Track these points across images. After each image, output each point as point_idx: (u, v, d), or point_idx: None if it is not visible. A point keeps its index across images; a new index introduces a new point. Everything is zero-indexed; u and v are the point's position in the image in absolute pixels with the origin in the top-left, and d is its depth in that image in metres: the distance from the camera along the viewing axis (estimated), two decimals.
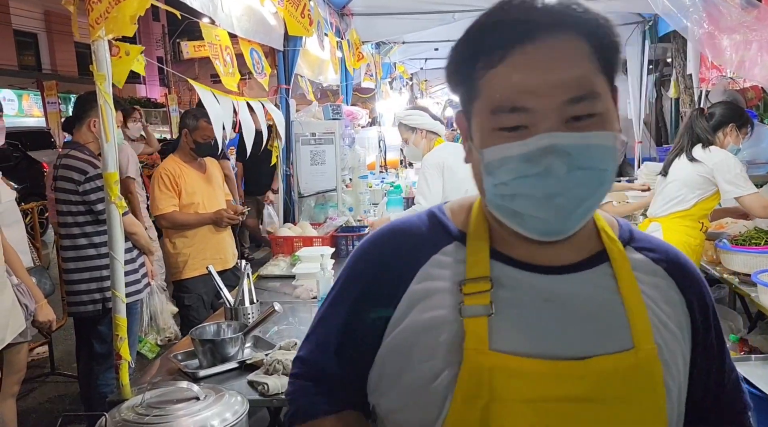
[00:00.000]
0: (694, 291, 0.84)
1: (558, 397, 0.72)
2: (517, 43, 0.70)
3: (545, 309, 0.76)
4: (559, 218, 0.72)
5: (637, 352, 0.75)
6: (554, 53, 0.70)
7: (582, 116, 0.71)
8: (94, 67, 1.89)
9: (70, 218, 2.81)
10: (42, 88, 16.73)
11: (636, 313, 0.76)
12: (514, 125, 0.71)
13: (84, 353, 3.05)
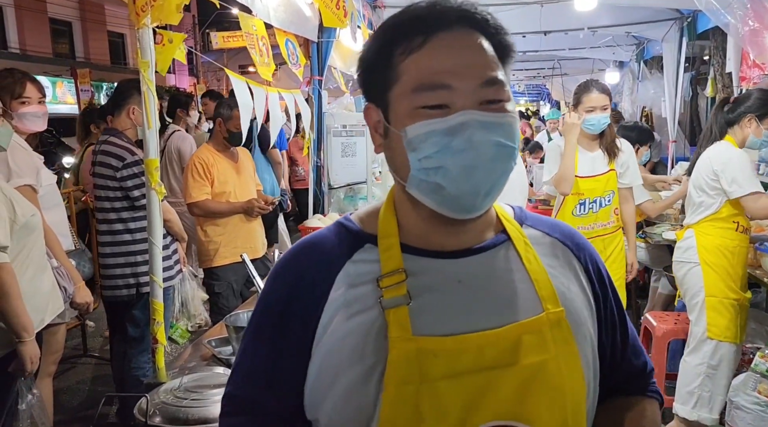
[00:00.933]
0: (588, 258, 0.92)
1: (480, 367, 0.77)
2: (436, 31, 0.79)
3: (459, 290, 0.81)
4: (476, 193, 0.79)
5: (547, 315, 0.81)
6: (467, 41, 0.79)
7: (493, 100, 0.79)
8: (138, 55, 1.91)
9: (107, 204, 2.86)
10: (75, 75, 17.11)
11: (540, 281, 0.83)
12: (436, 103, 0.77)
13: (117, 336, 3.11)
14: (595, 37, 6.82)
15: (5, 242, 2.01)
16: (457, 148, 0.76)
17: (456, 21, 0.80)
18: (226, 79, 26.23)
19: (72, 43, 21.76)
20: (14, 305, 2.03)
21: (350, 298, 0.81)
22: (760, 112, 2.80)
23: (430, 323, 0.79)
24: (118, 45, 23.84)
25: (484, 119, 0.77)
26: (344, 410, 0.79)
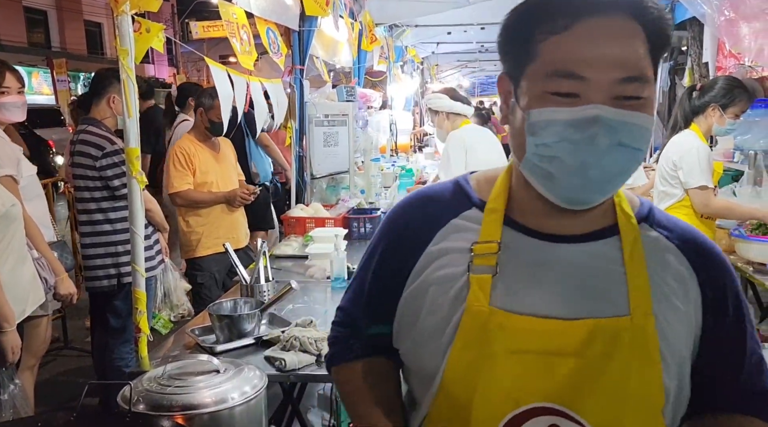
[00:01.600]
0: (709, 271, 0.85)
1: (542, 350, 0.78)
2: (583, 15, 0.74)
3: (546, 273, 0.82)
4: (587, 189, 0.77)
5: (632, 319, 0.78)
6: (614, 31, 0.75)
7: (630, 97, 0.75)
8: (117, 42, 1.89)
9: (86, 194, 2.83)
10: (52, 65, 16.78)
11: (637, 284, 0.80)
12: (567, 92, 0.75)
13: (99, 327, 3.09)
14: None
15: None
16: (577, 142, 0.74)
17: (609, 6, 0.75)
18: (206, 69, 25.92)
19: (48, 33, 21.32)
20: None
21: (444, 254, 0.86)
22: (723, 102, 2.85)
23: (507, 298, 0.81)
24: (95, 34, 23.41)
25: (613, 117, 0.73)
26: (418, 353, 0.87)
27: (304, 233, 3.56)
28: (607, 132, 0.73)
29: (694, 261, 0.84)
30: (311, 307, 2.50)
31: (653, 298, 0.80)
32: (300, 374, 1.91)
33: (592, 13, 0.74)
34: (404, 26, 6.88)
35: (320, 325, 2.28)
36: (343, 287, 2.76)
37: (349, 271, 2.80)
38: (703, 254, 0.86)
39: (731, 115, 2.87)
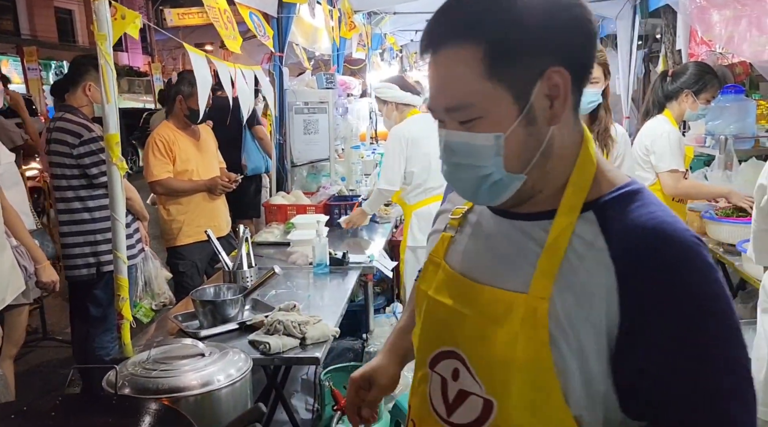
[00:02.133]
0: (639, 283, 0.75)
1: (458, 302, 0.90)
2: (428, 54, 0.83)
3: (482, 241, 0.93)
4: (466, 197, 0.92)
5: (527, 298, 0.81)
6: (439, 68, 0.82)
7: (466, 121, 0.81)
8: (95, 27, 1.88)
9: (64, 182, 2.80)
10: (22, 53, 16.37)
11: (544, 269, 0.80)
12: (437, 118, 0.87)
13: (79, 317, 3.07)
14: None
15: None
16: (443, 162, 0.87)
17: (443, 36, 0.80)
18: (182, 57, 25.54)
19: (16, 20, 20.75)
20: None
21: (444, 212, 1.07)
22: (696, 88, 2.93)
23: (453, 256, 0.96)
24: (67, 21, 22.87)
25: (448, 139, 0.84)
26: None
27: (286, 220, 3.57)
28: (447, 153, 0.85)
29: (623, 268, 0.76)
30: (294, 292, 2.52)
31: (556, 286, 0.79)
32: (284, 357, 1.93)
33: (430, 51, 0.82)
34: (383, 13, 6.85)
35: (303, 309, 2.30)
36: (325, 272, 2.78)
37: (331, 256, 2.83)
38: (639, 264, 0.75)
39: (703, 101, 2.95)
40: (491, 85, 0.78)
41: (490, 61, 0.77)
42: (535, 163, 0.81)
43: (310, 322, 2.02)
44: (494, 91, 0.78)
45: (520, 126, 0.79)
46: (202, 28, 20.08)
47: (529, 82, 0.78)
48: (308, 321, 2.02)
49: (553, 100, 0.79)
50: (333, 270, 2.81)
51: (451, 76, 0.80)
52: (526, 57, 0.77)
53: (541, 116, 0.80)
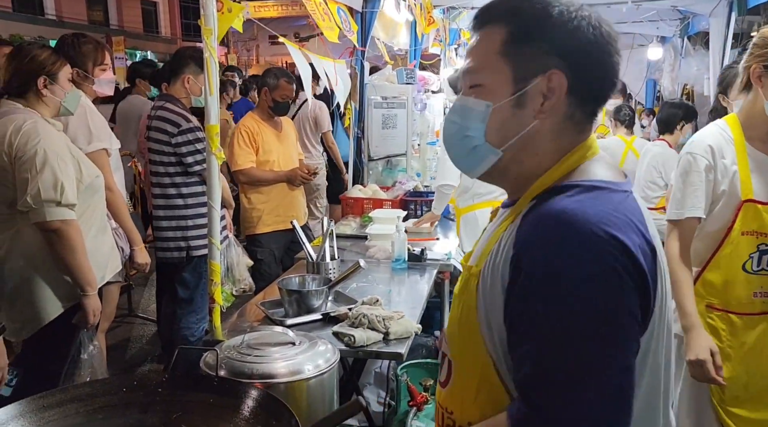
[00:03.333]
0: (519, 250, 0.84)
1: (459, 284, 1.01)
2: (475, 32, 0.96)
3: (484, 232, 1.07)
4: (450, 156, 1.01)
5: (471, 268, 0.95)
6: (474, 39, 0.96)
7: (472, 85, 0.94)
8: (202, 22, 1.95)
9: (161, 168, 2.94)
10: (110, 43, 17.27)
11: (485, 247, 0.94)
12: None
13: (166, 297, 3.22)
14: (638, 11, 6.64)
15: (73, 200, 2.09)
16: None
17: (480, 20, 0.95)
18: (255, 49, 26.22)
19: (106, 11, 21.93)
20: (80, 261, 2.13)
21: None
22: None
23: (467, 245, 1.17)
24: (151, 13, 23.96)
25: (456, 101, 0.98)
26: None
27: (362, 213, 3.61)
28: (450, 113, 0.98)
29: (519, 235, 0.85)
30: (374, 286, 2.54)
31: (485, 261, 0.91)
32: (368, 350, 1.96)
33: (474, 31, 0.96)
34: (461, 8, 6.79)
35: (384, 304, 2.32)
36: (403, 267, 2.79)
37: (409, 252, 2.83)
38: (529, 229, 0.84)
39: None
40: (499, 59, 0.91)
41: (507, 41, 0.90)
42: (511, 144, 0.91)
43: (394, 317, 2.03)
44: (499, 66, 0.91)
45: (509, 104, 0.90)
46: (276, 21, 20.57)
47: (531, 72, 0.89)
48: (392, 316, 2.03)
49: (546, 99, 0.89)
50: (411, 266, 2.81)
51: (477, 45, 0.95)
52: (538, 51, 0.89)
53: (530, 106, 0.90)
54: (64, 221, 2.07)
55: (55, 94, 2.20)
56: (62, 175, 2.05)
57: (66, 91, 2.23)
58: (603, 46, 0.90)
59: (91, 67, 2.63)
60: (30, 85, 2.16)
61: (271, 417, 1.26)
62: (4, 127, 2.07)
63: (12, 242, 2.11)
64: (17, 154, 2.04)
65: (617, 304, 0.78)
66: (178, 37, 24.16)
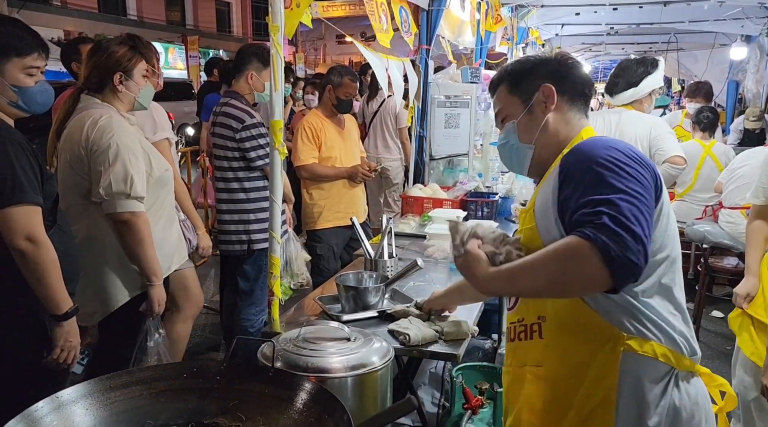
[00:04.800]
0: (564, 167, 1.31)
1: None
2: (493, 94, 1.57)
3: None
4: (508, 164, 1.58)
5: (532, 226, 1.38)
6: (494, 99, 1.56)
7: (502, 119, 1.52)
8: (270, 19, 1.98)
9: (225, 163, 3.02)
10: (186, 42, 18.03)
11: (536, 191, 1.43)
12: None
13: (228, 289, 3.31)
14: (721, 9, 6.28)
15: (142, 192, 2.18)
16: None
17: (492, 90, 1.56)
18: (323, 48, 26.65)
19: (183, 11, 22.87)
20: (147, 252, 2.21)
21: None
22: None
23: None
24: (224, 13, 24.80)
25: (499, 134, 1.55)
26: None
27: (422, 212, 3.59)
28: (500, 141, 1.54)
29: (563, 164, 1.32)
30: (431, 286, 2.51)
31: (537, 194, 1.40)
32: (423, 350, 1.94)
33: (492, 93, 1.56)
34: (530, 6, 6.63)
35: None
36: None
37: None
38: (568, 155, 1.33)
39: None
40: (511, 97, 1.48)
41: (508, 87, 1.49)
42: (537, 136, 1.43)
43: (450, 318, 2.00)
44: (513, 100, 1.48)
45: (524, 116, 1.45)
46: (344, 20, 20.82)
47: (531, 92, 1.44)
48: (448, 316, 2.01)
49: (547, 100, 1.43)
50: None
51: (496, 99, 1.53)
52: (527, 81, 1.45)
53: (538, 109, 1.44)
54: (133, 213, 2.16)
55: (130, 89, 2.29)
56: (132, 168, 2.14)
57: (140, 87, 2.31)
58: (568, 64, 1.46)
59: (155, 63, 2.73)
60: (106, 81, 2.25)
61: (324, 411, 1.27)
62: (82, 121, 2.17)
63: (87, 232, 2.22)
64: (92, 148, 2.14)
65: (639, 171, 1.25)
66: (249, 36, 24.89)
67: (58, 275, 1.78)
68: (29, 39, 1.78)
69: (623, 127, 3.01)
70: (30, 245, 1.72)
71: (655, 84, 3.06)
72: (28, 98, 1.80)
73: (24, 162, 1.72)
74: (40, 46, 1.81)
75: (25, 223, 1.71)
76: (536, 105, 1.43)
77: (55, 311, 1.80)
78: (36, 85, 1.81)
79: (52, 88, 1.90)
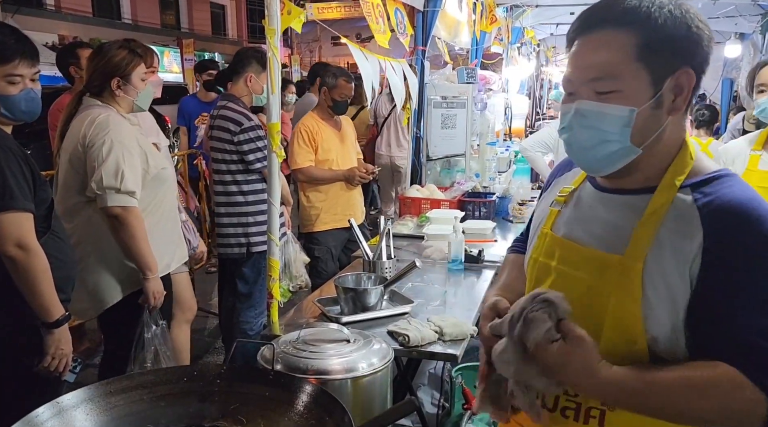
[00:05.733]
0: (720, 232, 0.92)
1: (564, 262, 1.08)
2: (577, 36, 1.01)
3: (588, 212, 1.09)
4: (580, 161, 1.07)
5: (622, 259, 0.98)
6: (590, 45, 0.99)
7: (605, 92, 0.97)
8: (266, 22, 1.99)
9: (223, 166, 3.02)
10: (181, 45, 18.01)
11: (640, 234, 0.98)
12: (568, 92, 1.03)
13: (227, 292, 3.31)
14: (715, 7, 6.30)
15: (133, 187, 2.19)
16: (567, 127, 1.02)
17: (596, 24, 0.98)
18: (318, 50, 26.64)
19: (178, 15, 22.86)
20: (140, 246, 2.22)
21: (551, 193, 1.22)
22: None
23: (560, 225, 1.13)
24: (219, 16, 24.80)
25: (585, 107, 0.99)
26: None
27: (419, 213, 3.59)
28: (579, 120, 1.00)
29: (708, 229, 0.93)
30: (430, 287, 2.52)
31: (651, 249, 0.96)
32: (422, 350, 1.94)
33: (583, 33, 1.00)
34: (525, 6, 6.65)
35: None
36: (460, 269, 2.76)
37: (467, 253, 2.80)
38: (722, 217, 0.93)
39: None
40: (637, 66, 0.95)
41: (642, 47, 0.94)
42: (650, 142, 0.99)
43: (449, 319, 2.01)
44: (638, 71, 0.95)
45: (650, 107, 0.96)
46: (339, 22, 20.83)
47: (664, 74, 0.96)
48: (446, 318, 2.01)
49: (677, 96, 0.98)
50: (467, 267, 2.78)
51: (605, 51, 0.96)
52: (669, 53, 0.95)
53: (665, 105, 0.97)
54: (124, 207, 2.17)
55: (128, 93, 2.30)
56: (125, 164, 2.15)
57: (139, 90, 2.32)
58: (710, 40, 0.99)
59: (155, 65, 2.75)
60: (105, 85, 2.27)
61: (325, 413, 1.27)
62: (82, 120, 2.21)
63: (82, 229, 2.24)
64: (88, 144, 2.16)
65: None
66: (244, 39, 24.89)
67: (49, 282, 1.78)
68: (11, 45, 1.74)
69: None
70: (20, 252, 1.71)
71: None
72: (10, 106, 1.77)
73: (15, 168, 1.72)
74: (23, 53, 1.77)
75: (15, 229, 1.71)
76: (665, 96, 0.97)
77: (46, 318, 1.80)
78: (20, 93, 1.78)
79: (39, 96, 1.85)
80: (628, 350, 0.96)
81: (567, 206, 1.14)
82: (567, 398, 1.05)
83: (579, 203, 1.12)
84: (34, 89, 1.83)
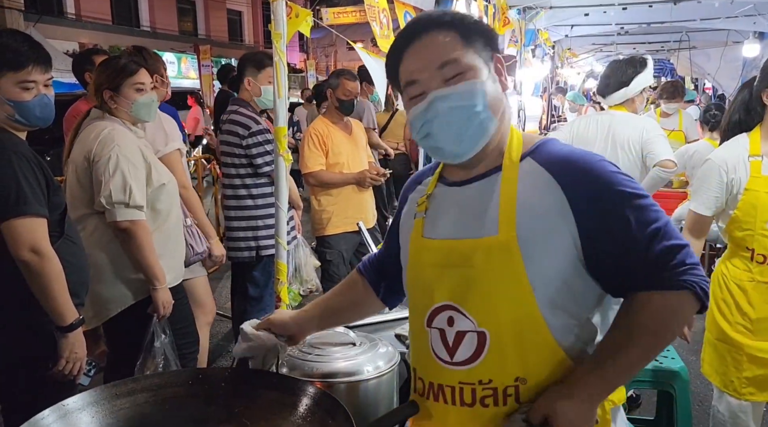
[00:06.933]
0: (577, 185, 1.05)
1: (444, 263, 1.13)
2: (410, 42, 1.11)
3: (453, 209, 1.16)
4: (452, 144, 1.09)
5: (498, 237, 1.06)
6: (425, 45, 1.10)
7: (452, 76, 1.07)
8: (273, 26, 2.00)
9: (233, 170, 3.05)
10: (198, 52, 18.19)
11: (504, 209, 1.07)
12: (416, 94, 1.10)
13: (239, 295, 3.33)
14: (733, 6, 6.21)
15: (141, 202, 2.22)
16: (430, 118, 1.07)
17: (423, 30, 1.11)
18: (334, 55, 26.80)
19: (195, 21, 23.14)
20: (148, 257, 2.25)
21: (409, 208, 1.27)
22: None
23: (430, 230, 1.17)
24: (236, 22, 25.05)
25: (444, 92, 1.07)
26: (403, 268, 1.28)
27: None
28: (443, 103, 1.06)
29: (562, 180, 1.06)
30: None
31: (519, 218, 1.05)
32: None
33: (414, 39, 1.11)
34: (538, 8, 6.62)
35: None
36: None
37: None
38: (571, 172, 1.06)
39: None
40: (467, 49, 1.09)
41: (465, 38, 1.10)
42: (501, 114, 1.11)
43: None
44: (470, 54, 1.09)
45: (489, 79, 1.10)
46: (354, 26, 20.92)
47: (487, 57, 1.11)
48: None
49: (500, 76, 1.13)
50: None
51: (440, 45, 1.09)
52: (483, 43, 1.12)
53: (498, 82, 1.12)
54: (133, 221, 2.20)
55: (120, 105, 2.32)
56: (131, 179, 2.18)
57: (131, 101, 2.31)
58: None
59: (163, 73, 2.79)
60: (100, 97, 2.32)
61: (328, 416, 1.27)
62: (88, 134, 2.25)
63: (91, 239, 2.27)
64: (94, 159, 2.20)
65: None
66: (261, 44, 25.11)
67: (62, 287, 1.80)
68: (24, 52, 1.77)
69: (615, 129, 3.02)
70: (34, 257, 1.74)
71: (645, 83, 3.09)
72: (25, 112, 1.80)
73: (29, 174, 1.75)
74: (36, 59, 1.79)
75: (29, 234, 1.74)
76: (495, 75, 1.13)
77: (60, 322, 1.82)
78: (34, 98, 1.81)
79: (52, 102, 1.89)
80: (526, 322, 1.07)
81: (428, 212, 1.19)
82: (483, 388, 1.10)
83: (440, 204, 1.18)
84: (48, 95, 1.86)
